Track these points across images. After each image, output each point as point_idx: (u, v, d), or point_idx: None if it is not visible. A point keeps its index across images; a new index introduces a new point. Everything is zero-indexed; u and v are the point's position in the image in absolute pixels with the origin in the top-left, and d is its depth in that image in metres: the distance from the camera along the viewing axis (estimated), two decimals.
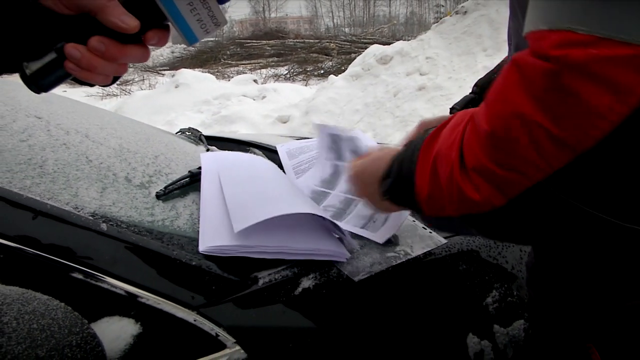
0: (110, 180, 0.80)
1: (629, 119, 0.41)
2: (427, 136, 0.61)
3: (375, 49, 6.52)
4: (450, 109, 0.97)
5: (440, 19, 6.92)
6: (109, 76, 0.52)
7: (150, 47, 0.53)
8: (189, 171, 0.91)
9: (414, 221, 0.95)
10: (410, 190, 0.62)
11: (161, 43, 0.52)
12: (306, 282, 0.76)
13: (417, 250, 0.86)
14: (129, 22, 0.48)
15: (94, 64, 0.49)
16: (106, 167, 0.83)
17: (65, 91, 9.55)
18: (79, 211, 0.69)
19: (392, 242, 0.88)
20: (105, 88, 10.13)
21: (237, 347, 0.67)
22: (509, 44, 0.73)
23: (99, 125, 1.00)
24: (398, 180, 0.65)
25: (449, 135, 0.56)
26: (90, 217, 0.69)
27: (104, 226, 0.68)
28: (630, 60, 0.39)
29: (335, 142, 1.10)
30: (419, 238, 0.89)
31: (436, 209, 0.60)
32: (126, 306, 0.63)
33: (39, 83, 0.50)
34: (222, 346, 0.66)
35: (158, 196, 0.82)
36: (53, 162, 0.76)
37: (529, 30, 0.46)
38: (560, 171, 0.45)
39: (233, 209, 0.78)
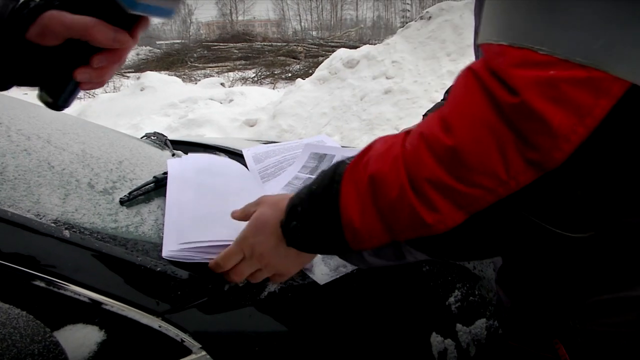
0: (73, 187, 0.79)
1: None
2: (347, 166, 0.58)
3: (342, 52, 6.56)
4: (423, 115, 0.97)
5: (406, 23, 7.01)
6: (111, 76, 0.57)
7: None
8: (154, 176, 0.91)
9: None
10: (330, 228, 0.57)
11: (146, 27, 0.55)
12: (272, 286, 0.76)
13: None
14: (123, 40, 0.52)
15: (102, 76, 0.54)
16: (69, 173, 0.82)
17: (27, 94, 9.30)
18: (40, 218, 0.68)
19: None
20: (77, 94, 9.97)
21: (203, 353, 0.67)
22: (475, 50, 0.74)
23: (61, 131, 0.99)
24: (309, 218, 0.61)
25: (384, 157, 0.53)
26: (53, 224, 0.68)
27: (66, 233, 0.67)
28: (586, 82, 0.40)
29: (315, 160, 1.12)
30: None
31: (366, 240, 0.56)
32: (90, 313, 0.63)
33: (59, 106, 0.56)
34: (187, 352, 0.66)
35: (122, 202, 0.82)
36: (14, 169, 0.75)
37: (487, 41, 0.46)
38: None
39: (180, 222, 0.79)
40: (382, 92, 5.49)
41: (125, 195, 0.83)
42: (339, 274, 0.81)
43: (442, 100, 0.96)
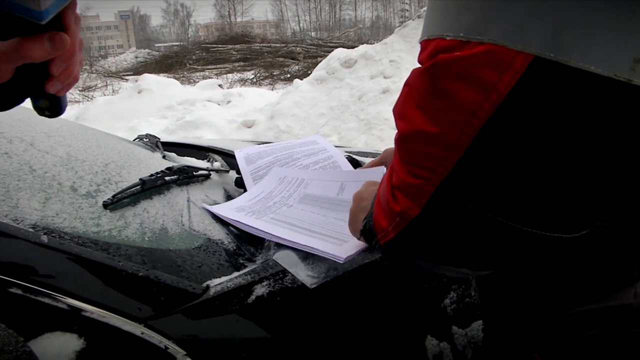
0: (55, 190, 0.77)
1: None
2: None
3: (339, 52, 6.54)
4: None
5: (404, 22, 6.99)
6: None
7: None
8: (140, 179, 0.89)
9: None
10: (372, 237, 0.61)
11: (74, 7, 0.50)
12: (260, 290, 0.74)
13: (374, 255, 0.85)
14: (58, 43, 0.46)
15: (72, 73, 0.50)
16: (51, 177, 0.80)
17: None
18: (18, 223, 0.66)
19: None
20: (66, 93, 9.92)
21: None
22: None
23: (46, 133, 0.97)
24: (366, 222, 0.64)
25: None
26: (31, 229, 0.66)
27: (44, 238, 0.65)
28: (486, 57, 0.40)
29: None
30: None
31: (381, 233, 0.59)
32: (68, 321, 0.61)
33: (56, 112, 0.53)
34: (172, 359, 0.64)
35: (105, 205, 0.79)
36: None
37: (419, 41, 0.49)
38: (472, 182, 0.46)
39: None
40: (380, 92, 5.47)
41: (109, 198, 0.81)
42: (328, 277, 0.78)
43: None
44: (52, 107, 0.52)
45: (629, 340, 0.52)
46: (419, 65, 0.49)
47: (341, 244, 0.82)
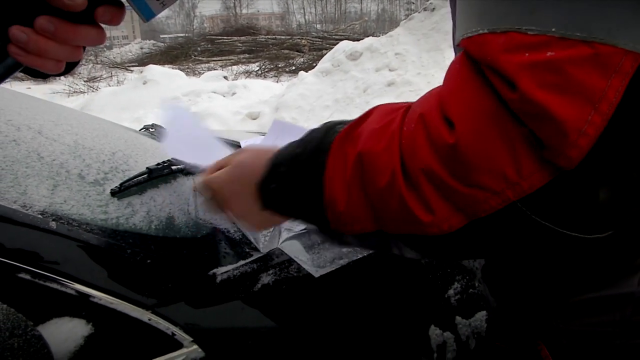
0: (63, 178, 0.78)
1: None
2: (339, 132, 0.51)
3: (344, 45, 6.52)
4: None
5: (409, 15, 6.96)
6: (61, 62, 0.48)
7: (104, 26, 0.48)
8: (147, 167, 0.89)
9: None
10: (311, 200, 0.52)
11: (115, 21, 0.47)
12: (265, 278, 0.75)
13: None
14: (102, 39, 0.46)
15: (43, 46, 0.44)
16: (59, 164, 0.80)
17: (30, 88, 9.33)
18: (27, 209, 0.67)
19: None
20: (72, 85, 9.92)
21: (195, 346, 0.65)
22: (455, 47, 0.69)
23: (54, 122, 0.97)
24: (290, 186, 0.54)
25: (378, 133, 0.47)
26: (39, 216, 0.67)
27: (53, 224, 0.65)
28: (592, 60, 0.34)
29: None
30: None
31: (348, 224, 0.50)
32: (77, 306, 0.61)
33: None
34: (178, 345, 0.65)
35: (113, 193, 0.80)
36: (0, 159, 0.73)
37: (465, 35, 0.40)
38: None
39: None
40: (385, 85, 5.46)
41: (116, 187, 0.81)
42: (335, 266, 0.79)
43: None
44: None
45: (633, 328, 0.52)
46: (452, 63, 0.41)
47: None
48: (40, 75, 0.50)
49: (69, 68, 0.51)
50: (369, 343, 0.79)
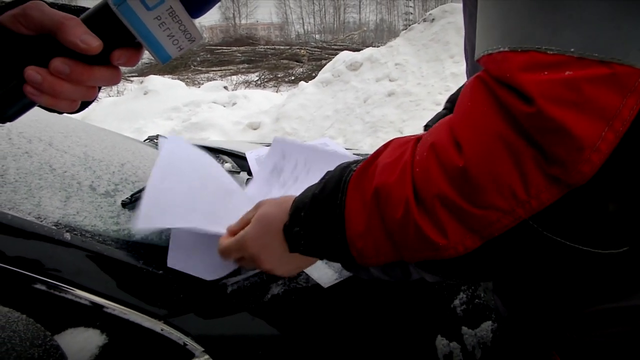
0: (75, 189, 0.79)
1: None
2: (353, 172, 0.53)
3: (345, 55, 6.55)
4: (424, 126, 0.92)
5: (409, 26, 7.00)
6: (75, 101, 0.49)
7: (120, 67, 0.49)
8: None
9: None
10: (334, 238, 0.53)
11: (131, 63, 0.48)
12: (275, 289, 0.75)
13: None
14: (90, 42, 0.44)
15: (58, 88, 0.45)
16: (70, 176, 0.81)
17: None
18: (41, 221, 0.68)
19: None
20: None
21: (206, 356, 0.66)
22: (466, 58, 0.69)
23: (63, 134, 0.98)
24: (313, 227, 0.56)
25: (391, 167, 0.48)
26: (54, 227, 0.68)
27: (67, 236, 0.66)
28: (609, 79, 0.35)
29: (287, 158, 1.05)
30: None
31: (372, 257, 0.52)
32: (91, 317, 0.62)
33: (2, 112, 0.47)
34: (190, 355, 0.66)
35: (124, 205, 0.81)
36: (15, 171, 0.75)
37: (485, 52, 0.41)
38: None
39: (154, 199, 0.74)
40: (386, 95, 5.48)
41: (127, 198, 0.82)
42: (343, 277, 0.80)
43: (443, 109, 0.87)
44: (3, 105, 0.47)
45: None
46: (475, 81, 0.42)
47: None
48: (55, 110, 0.51)
49: (84, 106, 0.52)
50: (377, 353, 0.80)
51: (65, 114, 0.61)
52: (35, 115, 1.04)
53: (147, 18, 0.45)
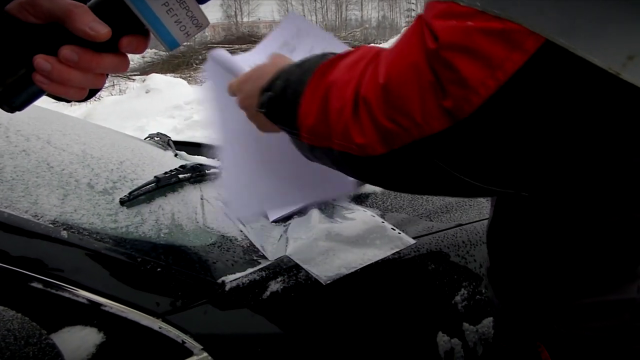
0: (72, 187, 0.78)
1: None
2: (324, 61, 0.59)
3: None
4: None
5: (411, 22, 6.98)
6: (84, 89, 0.49)
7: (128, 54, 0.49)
8: (155, 176, 0.90)
9: (383, 222, 0.95)
10: (291, 112, 0.60)
11: (139, 50, 0.49)
12: (274, 286, 0.75)
13: (386, 251, 0.86)
14: (99, 29, 0.45)
15: (67, 76, 0.45)
16: (68, 174, 0.81)
17: None
18: (38, 219, 0.67)
19: (355, 240, 0.87)
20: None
21: (205, 354, 0.66)
22: None
23: (61, 132, 0.98)
24: (280, 97, 0.63)
25: (349, 69, 0.54)
26: (51, 225, 0.67)
27: (64, 234, 0.66)
28: (499, 33, 0.40)
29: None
30: (388, 239, 0.89)
31: (317, 139, 0.58)
32: (88, 315, 0.62)
33: (11, 101, 0.47)
34: (189, 353, 0.65)
35: (122, 202, 0.81)
36: (11, 169, 0.74)
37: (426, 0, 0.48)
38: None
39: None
40: None
41: (125, 196, 0.82)
42: (342, 274, 0.79)
43: None
44: (11, 94, 0.47)
45: (632, 334, 0.52)
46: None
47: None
48: (63, 99, 0.51)
49: (92, 93, 0.53)
50: (377, 350, 0.79)
51: (65, 113, 0.61)
52: (34, 112, 1.04)
53: (154, 4, 0.46)
